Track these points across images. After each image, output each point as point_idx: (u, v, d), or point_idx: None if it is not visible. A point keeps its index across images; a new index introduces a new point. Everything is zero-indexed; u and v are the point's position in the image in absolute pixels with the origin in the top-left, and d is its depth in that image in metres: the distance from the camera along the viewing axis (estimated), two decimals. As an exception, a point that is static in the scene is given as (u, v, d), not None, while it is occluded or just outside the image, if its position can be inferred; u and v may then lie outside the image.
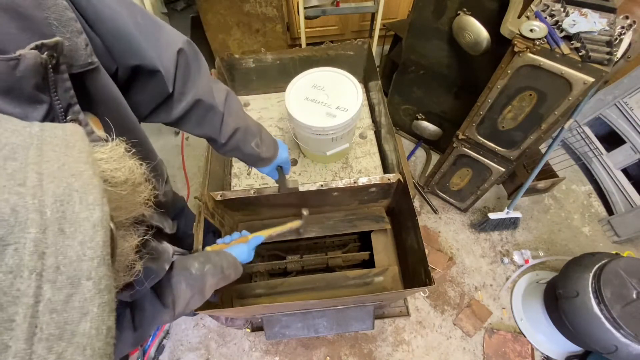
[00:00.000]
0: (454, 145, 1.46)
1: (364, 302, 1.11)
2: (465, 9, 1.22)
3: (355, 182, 1.01)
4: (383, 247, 1.20)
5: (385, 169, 1.25)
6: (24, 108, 0.30)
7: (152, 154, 0.64)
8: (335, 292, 1.12)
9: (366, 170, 1.26)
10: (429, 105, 1.77)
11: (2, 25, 0.29)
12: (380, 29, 1.82)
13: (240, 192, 1.02)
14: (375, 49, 1.81)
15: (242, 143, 0.68)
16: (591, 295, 1.11)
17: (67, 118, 0.35)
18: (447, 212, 1.85)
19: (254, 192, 1.02)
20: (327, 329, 1.17)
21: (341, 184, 1.01)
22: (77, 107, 0.36)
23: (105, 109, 0.43)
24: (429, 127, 1.86)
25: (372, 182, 1.01)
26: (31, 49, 0.30)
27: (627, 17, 0.99)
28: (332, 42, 1.35)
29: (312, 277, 1.14)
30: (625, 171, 1.78)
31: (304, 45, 1.84)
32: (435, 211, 1.85)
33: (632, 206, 1.68)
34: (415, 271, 0.99)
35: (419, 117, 1.86)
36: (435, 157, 2.02)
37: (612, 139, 1.80)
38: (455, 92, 1.60)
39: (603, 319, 1.07)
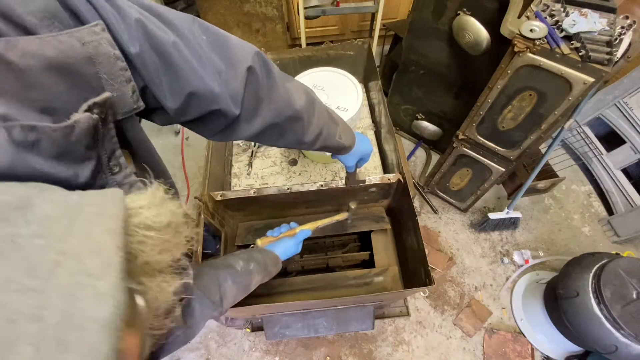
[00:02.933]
0: (454, 145, 1.46)
1: (364, 302, 1.11)
2: (465, 9, 1.22)
3: (355, 182, 1.01)
4: (383, 247, 1.20)
5: (385, 169, 1.25)
6: (74, 168, 0.28)
7: (166, 173, 0.60)
8: (335, 292, 1.12)
9: (366, 170, 1.26)
10: (429, 105, 1.77)
11: (52, 84, 0.27)
12: (380, 29, 1.82)
13: (241, 192, 1.02)
14: (375, 49, 1.81)
15: (329, 138, 0.64)
16: (591, 295, 1.11)
17: (111, 164, 0.33)
18: (447, 212, 1.85)
19: (254, 192, 1.02)
20: (327, 329, 1.17)
21: (341, 184, 1.01)
22: (119, 151, 0.34)
23: (135, 143, 0.39)
24: (429, 127, 1.86)
25: (372, 182, 1.01)
26: (84, 110, 0.28)
27: (627, 17, 0.99)
28: (332, 42, 1.35)
29: (312, 277, 1.14)
30: (625, 171, 1.78)
31: (304, 45, 1.84)
32: (435, 211, 1.85)
33: (632, 206, 1.68)
34: (415, 271, 0.99)
35: (419, 117, 1.86)
36: (435, 157, 2.02)
37: (612, 139, 1.80)
38: (455, 92, 1.60)
39: (603, 319, 1.07)
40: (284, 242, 0.84)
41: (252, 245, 0.85)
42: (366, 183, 1.01)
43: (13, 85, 0.24)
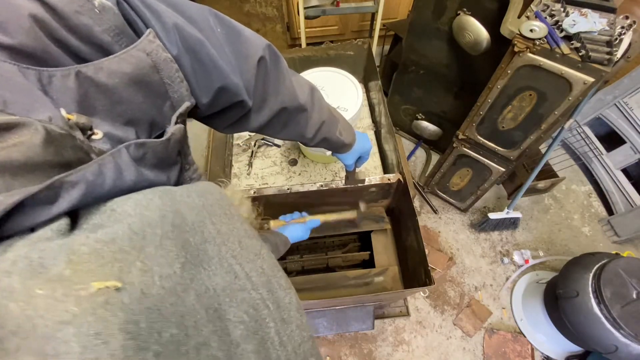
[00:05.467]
0: (454, 145, 1.46)
1: (364, 302, 1.11)
2: (465, 9, 1.22)
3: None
4: (383, 247, 1.20)
5: (385, 169, 1.25)
6: (167, 172, 0.32)
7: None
8: (335, 292, 1.12)
9: (366, 170, 1.26)
10: (429, 105, 1.77)
11: (132, 97, 0.29)
12: (380, 29, 1.82)
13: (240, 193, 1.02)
14: (375, 49, 1.81)
15: (329, 134, 0.65)
16: (591, 295, 1.11)
17: (185, 162, 0.37)
18: (447, 212, 1.85)
19: (254, 192, 1.02)
20: (327, 329, 1.17)
21: (341, 184, 1.01)
22: (189, 149, 0.38)
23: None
24: (429, 127, 1.86)
25: (372, 182, 1.01)
26: (175, 123, 0.31)
27: (627, 17, 0.99)
28: (332, 42, 1.35)
29: (312, 277, 1.14)
30: (625, 171, 1.78)
31: (304, 45, 1.84)
32: (435, 211, 1.85)
33: (632, 206, 1.68)
34: (415, 271, 0.99)
35: (419, 117, 1.86)
36: (435, 157, 2.02)
37: (612, 139, 1.80)
38: (455, 92, 1.60)
39: (603, 319, 1.07)
40: (294, 226, 0.89)
41: (265, 225, 0.90)
42: (366, 183, 1.01)
43: (104, 104, 0.26)
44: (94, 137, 0.26)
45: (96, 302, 0.17)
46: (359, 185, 1.01)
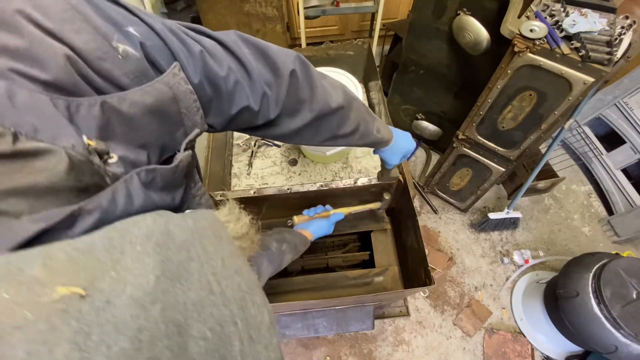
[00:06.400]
0: (454, 145, 1.46)
1: (364, 302, 1.11)
2: (465, 9, 1.22)
3: (355, 182, 1.01)
4: (383, 247, 1.20)
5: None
6: (172, 194, 0.34)
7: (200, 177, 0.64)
8: (335, 292, 1.12)
9: (366, 170, 1.26)
10: (429, 105, 1.77)
11: (148, 124, 0.31)
12: (380, 29, 1.82)
13: (240, 192, 1.02)
14: (375, 49, 1.81)
15: (366, 132, 0.64)
16: (591, 295, 1.11)
17: (191, 182, 0.38)
18: (447, 212, 1.85)
19: (254, 192, 1.02)
20: (327, 329, 1.17)
21: (341, 184, 1.01)
22: (194, 170, 0.39)
23: (195, 157, 0.44)
24: (429, 127, 1.86)
25: (372, 182, 1.01)
26: (184, 149, 0.34)
27: (627, 17, 0.99)
28: (332, 42, 1.35)
29: (312, 277, 1.14)
30: (625, 171, 1.78)
31: (304, 45, 1.84)
32: (435, 211, 1.85)
33: (632, 206, 1.68)
34: (415, 271, 0.99)
35: (419, 117, 1.86)
36: (435, 157, 2.02)
37: (612, 139, 1.80)
38: (455, 92, 1.60)
39: (603, 319, 1.07)
40: (318, 221, 0.90)
41: (288, 222, 0.91)
42: (366, 183, 1.01)
43: (123, 130, 0.29)
44: (109, 160, 0.28)
45: (54, 309, 0.18)
46: (357, 185, 1.01)
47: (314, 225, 0.89)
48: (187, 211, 0.31)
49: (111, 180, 0.27)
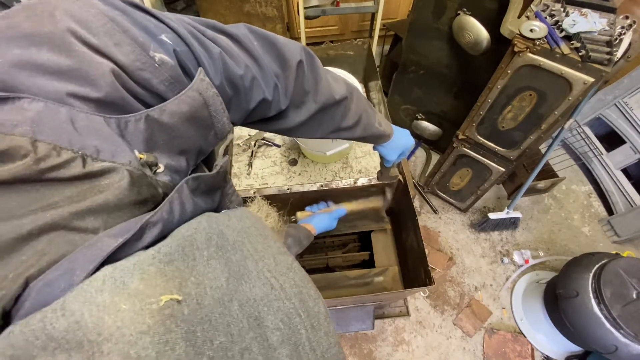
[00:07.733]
0: (454, 145, 1.46)
1: (364, 302, 1.11)
2: (465, 9, 1.22)
3: (355, 182, 1.01)
4: (383, 247, 1.20)
5: (385, 169, 1.25)
6: (212, 197, 0.36)
7: None
8: (335, 292, 1.12)
9: (366, 170, 1.26)
10: (429, 105, 1.77)
11: (186, 131, 0.33)
12: (380, 29, 1.82)
13: (241, 192, 1.02)
14: (375, 49, 1.81)
15: (368, 125, 0.65)
16: (591, 295, 1.11)
17: (223, 185, 0.40)
18: (447, 212, 1.85)
19: (254, 192, 1.02)
20: (327, 329, 1.17)
21: (341, 184, 1.01)
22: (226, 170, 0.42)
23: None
24: (429, 127, 1.86)
25: (372, 182, 1.01)
26: (223, 155, 0.36)
27: (627, 17, 0.99)
28: (332, 42, 1.35)
29: (312, 277, 1.14)
30: (625, 171, 1.78)
31: (304, 45, 1.83)
32: (435, 211, 1.85)
33: (632, 206, 1.68)
34: (415, 271, 0.99)
35: (419, 117, 1.86)
36: (435, 157, 2.02)
37: (612, 139, 1.80)
38: (455, 92, 1.60)
39: (603, 319, 1.07)
40: (321, 216, 0.92)
41: (292, 218, 0.93)
42: (366, 183, 1.01)
43: (165, 139, 0.31)
44: (158, 171, 0.30)
45: (164, 314, 0.21)
46: (357, 185, 1.01)
47: (316, 220, 0.90)
48: (226, 211, 0.34)
49: (162, 189, 0.30)
